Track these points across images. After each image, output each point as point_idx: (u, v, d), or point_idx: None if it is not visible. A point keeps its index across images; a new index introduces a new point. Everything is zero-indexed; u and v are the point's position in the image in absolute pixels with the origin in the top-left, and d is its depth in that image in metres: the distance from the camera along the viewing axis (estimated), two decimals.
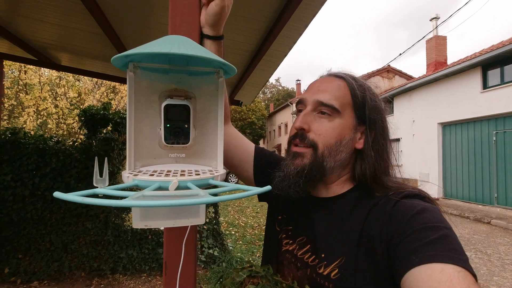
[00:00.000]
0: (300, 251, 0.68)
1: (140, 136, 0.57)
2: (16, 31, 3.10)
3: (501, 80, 8.40)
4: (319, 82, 0.71)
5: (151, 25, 2.70)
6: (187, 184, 0.43)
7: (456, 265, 0.44)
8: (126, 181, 0.45)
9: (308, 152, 0.65)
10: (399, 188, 0.63)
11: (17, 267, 3.35)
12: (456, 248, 0.47)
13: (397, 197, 0.59)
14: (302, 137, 0.66)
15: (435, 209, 0.55)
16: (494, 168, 8.45)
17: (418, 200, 0.58)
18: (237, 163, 0.86)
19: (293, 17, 2.23)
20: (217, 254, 3.96)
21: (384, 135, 0.70)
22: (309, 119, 0.67)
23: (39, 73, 9.82)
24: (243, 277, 0.52)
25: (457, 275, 0.42)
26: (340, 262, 0.59)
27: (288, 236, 0.74)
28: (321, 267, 0.61)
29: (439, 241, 0.47)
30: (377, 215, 0.59)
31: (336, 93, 0.66)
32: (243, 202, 9.83)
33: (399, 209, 0.56)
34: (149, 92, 0.59)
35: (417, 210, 0.54)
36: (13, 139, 3.34)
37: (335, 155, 0.65)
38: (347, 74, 0.71)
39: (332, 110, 0.65)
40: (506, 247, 5.15)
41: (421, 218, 0.52)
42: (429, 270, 0.44)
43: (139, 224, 0.39)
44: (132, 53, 0.45)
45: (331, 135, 0.65)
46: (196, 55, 0.45)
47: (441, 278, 0.42)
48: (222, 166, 0.58)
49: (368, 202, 0.62)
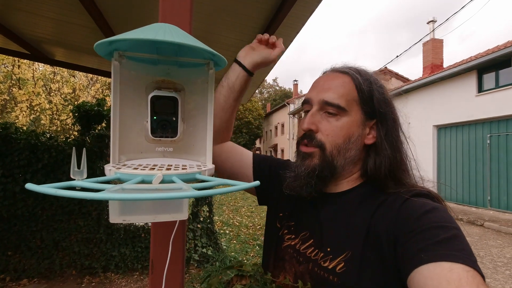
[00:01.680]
0: (303, 245, 0.68)
1: (125, 129, 0.54)
2: (9, 24, 3.04)
3: (496, 84, 8.48)
4: (324, 79, 0.70)
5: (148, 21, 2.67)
6: (172, 178, 0.41)
7: (465, 265, 0.43)
8: (108, 174, 0.43)
9: (316, 152, 0.65)
10: (411, 186, 0.63)
11: (6, 265, 3.29)
12: (465, 248, 0.47)
13: (406, 195, 0.58)
14: (310, 137, 0.66)
15: (444, 209, 0.55)
16: (488, 171, 8.52)
17: (428, 199, 0.58)
18: (236, 171, 0.86)
19: (290, 14, 2.21)
20: (211, 253, 3.93)
21: (396, 126, 0.69)
22: (316, 119, 0.66)
23: (32, 68, 9.69)
24: (230, 276, 0.50)
25: (466, 275, 0.42)
26: (346, 256, 0.59)
27: (290, 232, 0.73)
28: (326, 260, 0.61)
29: (449, 240, 0.47)
30: (385, 212, 0.58)
31: (341, 90, 0.65)
32: (238, 202, 9.81)
33: (408, 207, 0.56)
34: (136, 84, 0.57)
35: (426, 209, 0.54)
36: (4, 134, 3.28)
37: (344, 153, 0.65)
38: (351, 69, 0.69)
39: (338, 109, 0.64)
40: (498, 249, 5.19)
41: (431, 217, 0.52)
42: (438, 269, 0.44)
43: (116, 219, 0.37)
44: (116, 39, 0.43)
45: (339, 135, 0.64)
46: (184, 43, 0.43)
47: (450, 277, 0.42)
48: (211, 161, 0.56)
49: (377, 198, 0.62)
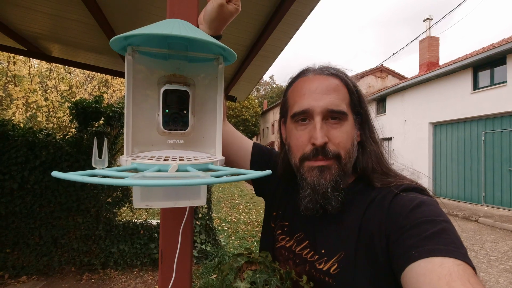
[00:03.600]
0: (299, 247, 0.67)
1: (138, 122, 0.56)
2: (5, 19, 3.01)
3: (491, 81, 8.57)
4: (315, 84, 0.65)
5: (146, 17, 2.66)
6: (186, 168, 0.43)
7: (455, 259, 0.44)
8: (124, 164, 0.45)
9: (333, 163, 0.62)
10: (398, 179, 0.63)
11: (5, 262, 3.28)
12: (454, 241, 0.47)
13: (395, 191, 0.58)
14: (324, 151, 0.62)
15: (433, 202, 0.55)
16: (483, 168, 8.64)
17: (416, 193, 0.58)
18: (233, 159, 0.85)
19: (290, 11, 2.22)
20: (210, 249, 3.96)
21: (371, 121, 0.71)
22: (324, 130, 0.62)
23: (28, 65, 9.58)
24: (241, 263, 0.52)
25: (456, 269, 0.43)
26: (340, 257, 0.59)
27: (284, 232, 0.73)
28: (322, 262, 0.61)
29: (438, 235, 0.48)
30: (375, 210, 0.59)
31: (339, 95, 0.64)
32: (236, 199, 9.84)
33: (397, 203, 0.56)
34: (148, 78, 0.58)
35: (415, 203, 0.54)
36: (1, 131, 3.26)
37: (352, 157, 0.65)
38: (337, 70, 0.68)
39: (342, 115, 0.63)
40: (492, 244, 5.28)
41: (419, 212, 0.52)
42: (428, 265, 0.44)
43: (140, 204, 0.38)
44: (132, 34, 0.44)
45: (347, 140, 0.63)
46: (197, 38, 0.44)
47: (440, 272, 0.42)
48: (221, 153, 0.58)
49: (367, 196, 0.62)
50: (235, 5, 0.68)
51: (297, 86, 0.69)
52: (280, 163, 0.77)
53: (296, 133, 0.66)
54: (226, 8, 0.66)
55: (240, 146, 0.87)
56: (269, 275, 0.51)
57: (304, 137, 0.64)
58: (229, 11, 0.67)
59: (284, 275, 0.54)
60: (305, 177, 0.64)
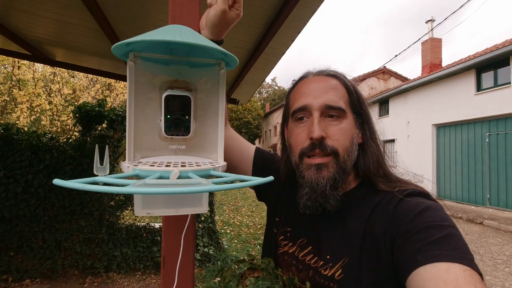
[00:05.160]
0: (301, 253, 0.67)
1: (140, 128, 0.56)
2: (10, 25, 3.04)
3: (495, 82, 8.52)
4: (314, 84, 0.67)
5: (148, 21, 2.68)
6: (188, 174, 0.43)
7: (462, 264, 0.43)
8: (126, 171, 0.45)
9: (330, 160, 0.62)
10: (402, 183, 0.62)
11: (8, 265, 3.30)
12: (461, 247, 0.46)
13: (400, 195, 0.58)
14: (322, 146, 0.62)
15: (438, 207, 0.55)
16: (487, 170, 8.56)
17: (422, 198, 0.57)
18: (235, 164, 0.85)
19: (292, 15, 2.22)
20: (213, 252, 3.95)
21: (373, 124, 0.71)
22: (322, 125, 0.64)
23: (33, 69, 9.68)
24: (243, 269, 0.51)
25: (463, 275, 0.42)
26: (344, 262, 0.58)
27: (286, 238, 0.72)
28: (327, 268, 0.60)
29: (444, 240, 0.47)
30: (380, 214, 0.58)
31: (338, 93, 0.66)
32: (239, 202, 9.82)
33: (402, 207, 0.56)
34: (150, 84, 0.58)
35: (420, 208, 0.53)
36: (6, 135, 3.29)
37: (351, 156, 0.64)
38: (336, 72, 0.70)
39: (340, 112, 0.64)
40: (498, 247, 5.22)
41: (425, 216, 0.52)
42: (434, 270, 0.43)
43: (141, 212, 0.38)
44: (134, 40, 0.44)
45: (346, 137, 0.63)
46: (198, 44, 0.44)
47: (447, 278, 0.42)
48: (223, 158, 0.57)
49: (372, 200, 0.62)
50: (237, 10, 0.68)
51: (298, 88, 0.71)
52: (282, 167, 0.76)
53: (296, 130, 0.67)
54: (229, 14, 0.66)
55: (242, 151, 0.86)
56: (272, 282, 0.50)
57: (303, 133, 0.65)
58: (231, 17, 0.67)
59: (287, 282, 0.54)
60: (303, 175, 0.64)
